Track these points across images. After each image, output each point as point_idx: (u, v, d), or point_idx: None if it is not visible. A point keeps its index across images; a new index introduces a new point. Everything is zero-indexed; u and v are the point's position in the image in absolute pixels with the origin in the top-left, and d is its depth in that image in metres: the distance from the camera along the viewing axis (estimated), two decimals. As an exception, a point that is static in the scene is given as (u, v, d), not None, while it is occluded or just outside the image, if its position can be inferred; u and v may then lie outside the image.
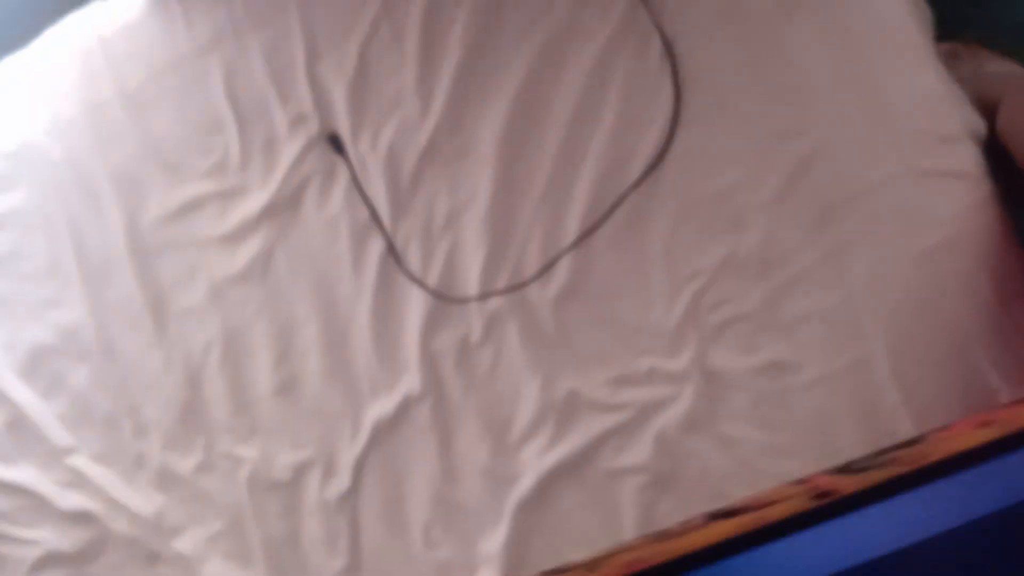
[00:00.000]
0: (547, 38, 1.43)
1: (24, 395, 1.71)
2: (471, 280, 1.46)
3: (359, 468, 1.51)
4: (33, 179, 1.72)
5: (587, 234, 1.40)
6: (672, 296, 1.37)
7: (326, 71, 1.54)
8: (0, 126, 1.76)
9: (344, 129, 1.53)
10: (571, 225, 1.42)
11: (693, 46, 1.37)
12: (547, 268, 1.41)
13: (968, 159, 1.26)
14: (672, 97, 1.37)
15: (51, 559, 1.68)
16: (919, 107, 1.28)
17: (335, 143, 1.53)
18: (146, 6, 1.65)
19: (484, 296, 1.44)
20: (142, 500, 1.63)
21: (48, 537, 1.68)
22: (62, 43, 1.72)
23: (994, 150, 1.29)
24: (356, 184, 1.52)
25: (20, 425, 1.71)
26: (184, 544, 1.60)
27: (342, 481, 1.52)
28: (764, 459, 1.31)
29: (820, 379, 1.29)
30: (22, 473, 1.70)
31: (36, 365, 1.72)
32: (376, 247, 1.52)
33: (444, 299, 1.46)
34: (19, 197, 1.73)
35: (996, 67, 1.35)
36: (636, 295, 1.39)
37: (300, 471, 1.55)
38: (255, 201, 1.57)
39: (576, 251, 1.41)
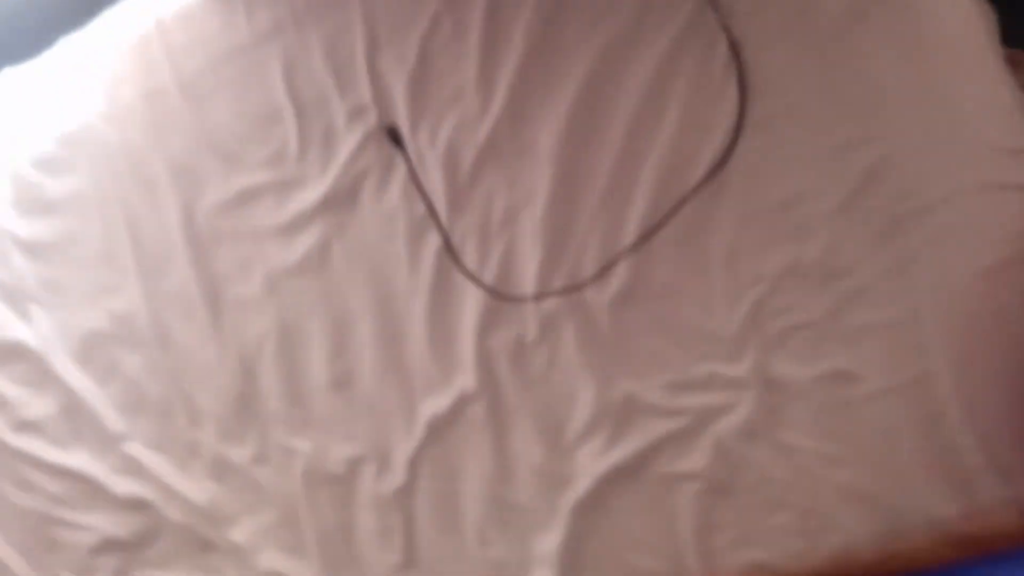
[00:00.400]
0: (611, 37, 1.41)
1: (79, 381, 1.74)
2: (527, 279, 1.46)
3: (414, 464, 1.52)
4: (90, 164, 1.74)
5: (647, 237, 1.39)
6: (733, 302, 1.36)
7: (386, 64, 1.53)
8: (57, 109, 1.76)
9: (403, 123, 1.53)
10: (630, 227, 1.41)
11: (760, 51, 1.35)
12: (605, 270, 1.41)
13: (1038, 173, 1.24)
14: (737, 101, 1.35)
15: (107, 545, 1.71)
16: (989, 119, 1.26)
17: (394, 136, 1.53)
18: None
19: (540, 296, 1.44)
20: (196, 488, 1.66)
21: (103, 522, 1.72)
22: (119, 26, 1.72)
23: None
24: (414, 178, 1.52)
25: (75, 410, 1.74)
26: (238, 534, 1.63)
27: (396, 476, 1.53)
28: (823, 469, 1.30)
29: (882, 391, 1.28)
30: (77, 458, 1.73)
31: (90, 351, 1.74)
32: (433, 242, 1.51)
33: (500, 297, 1.46)
34: (75, 182, 1.75)
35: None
36: (696, 300, 1.38)
37: (354, 465, 1.56)
38: (312, 193, 1.57)
39: (635, 254, 1.40)
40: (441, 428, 1.51)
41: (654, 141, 1.39)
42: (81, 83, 1.75)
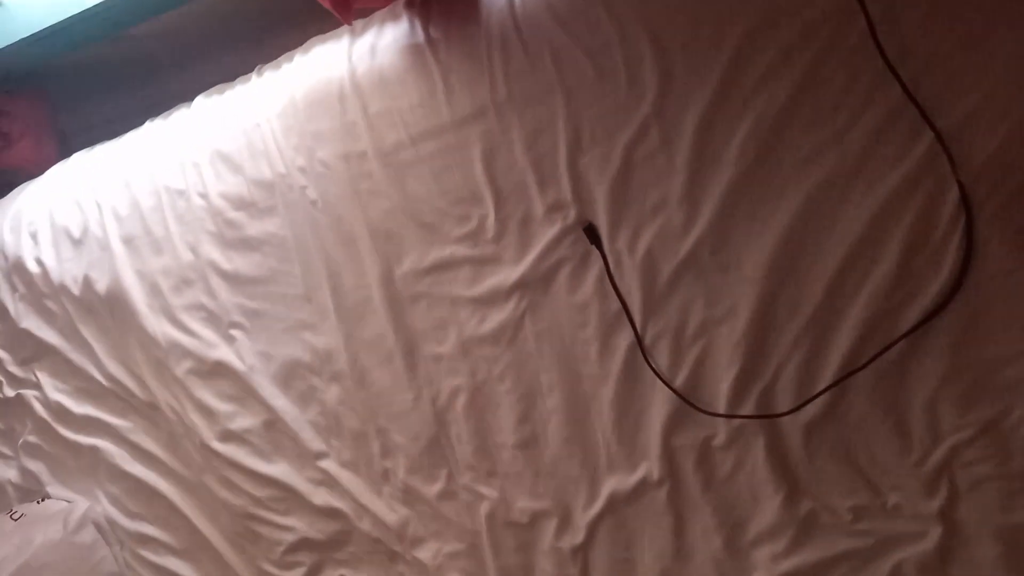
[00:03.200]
0: (831, 170, 1.38)
1: (280, 401, 1.87)
2: (719, 393, 1.51)
3: (593, 528, 1.64)
4: (288, 212, 1.80)
5: (846, 377, 1.42)
6: (930, 445, 1.39)
7: (588, 165, 1.53)
8: (249, 152, 1.81)
9: (602, 224, 1.54)
10: (830, 361, 1.43)
11: (993, 208, 1.30)
12: (801, 406, 1.45)
13: None
14: (961, 255, 1.33)
15: (304, 543, 1.90)
16: None
17: (591, 233, 1.54)
18: (402, 64, 1.63)
19: (731, 416, 1.49)
20: (387, 509, 1.81)
21: (301, 524, 1.89)
22: (312, 77, 1.74)
23: None
24: (610, 279, 1.55)
25: (276, 427, 1.89)
26: (425, 554, 1.79)
27: (576, 535, 1.66)
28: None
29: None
30: (278, 469, 1.90)
31: (290, 377, 1.87)
32: (624, 338, 1.56)
33: (691, 406, 1.52)
34: (277, 224, 1.82)
35: None
36: (891, 438, 1.41)
37: (537, 517, 1.69)
38: (508, 273, 1.62)
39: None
40: (622, 503, 1.62)
41: (866, 280, 1.39)
42: (274, 131, 1.78)
